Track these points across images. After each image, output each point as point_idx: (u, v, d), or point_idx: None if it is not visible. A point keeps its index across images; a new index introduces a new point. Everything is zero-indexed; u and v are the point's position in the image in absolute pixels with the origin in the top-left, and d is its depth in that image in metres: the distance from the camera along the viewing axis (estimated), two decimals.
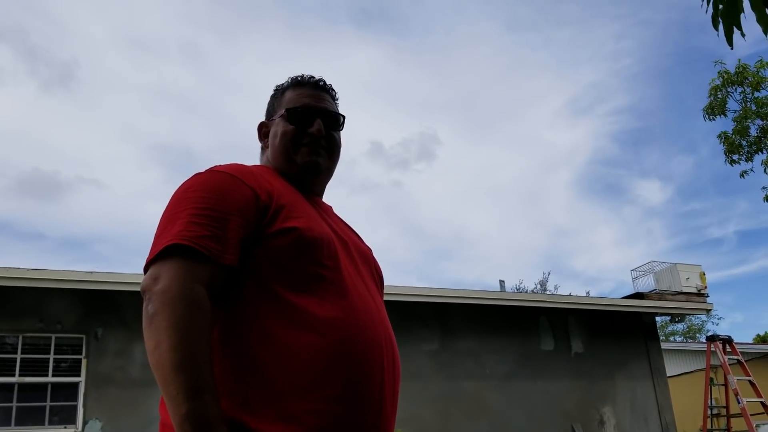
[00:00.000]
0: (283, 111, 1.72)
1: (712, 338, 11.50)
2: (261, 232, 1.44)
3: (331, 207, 1.81)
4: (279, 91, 1.80)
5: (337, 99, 1.82)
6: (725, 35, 2.33)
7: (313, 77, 1.78)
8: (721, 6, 2.30)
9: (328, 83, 1.80)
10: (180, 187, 1.50)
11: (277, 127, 1.72)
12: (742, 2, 2.26)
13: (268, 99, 1.86)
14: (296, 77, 1.79)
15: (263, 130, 1.80)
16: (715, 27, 2.35)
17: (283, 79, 1.83)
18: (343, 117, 1.79)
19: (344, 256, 1.55)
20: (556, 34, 41.37)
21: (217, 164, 1.56)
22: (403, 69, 45.42)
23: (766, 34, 2.31)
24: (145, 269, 1.36)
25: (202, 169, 1.56)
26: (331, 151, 1.74)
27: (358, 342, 1.40)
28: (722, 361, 10.95)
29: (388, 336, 1.53)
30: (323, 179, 1.77)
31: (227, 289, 1.40)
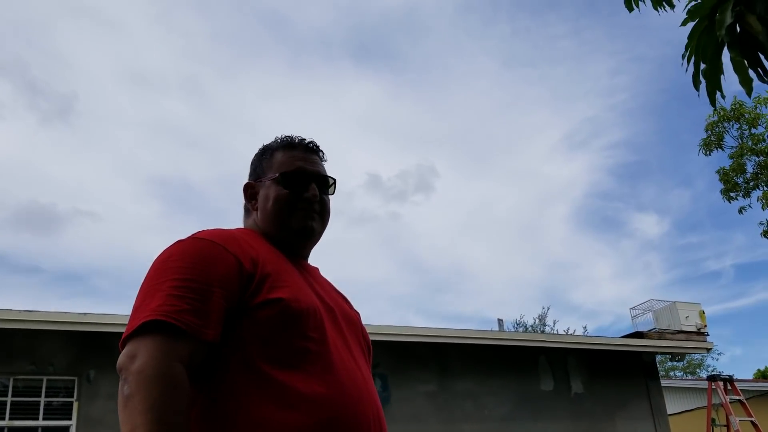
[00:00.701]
0: (275, 174, 1.67)
1: (713, 378, 11.38)
2: (245, 302, 1.39)
3: (317, 269, 1.76)
4: (268, 152, 1.74)
5: (325, 160, 1.79)
6: (708, 95, 2.33)
7: (304, 139, 1.75)
8: (703, 66, 2.29)
9: (318, 145, 1.77)
10: (160, 256, 1.45)
11: (269, 191, 1.67)
12: (722, 64, 2.25)
13: (252, 158, 1.80)
14: (286, 138, 1.75)
15: (250, 191, 1.73)
16: (696, 87, 2.34)
17: (280, 118, 1.82)
18: (335, 180, 1.76)
19: (330, 326, 1.51)
20: (552, 70, 41.78)
21: (200, 230, 1.52)
22: (401, 104, 45.79)
23: (749, 96, 2.31)
24: (122, 345, 1.31)
25: (184, 237, 1.51)
26: (323, 215, 1.72)
27: (345, 421, 1.36)
28: (724, 401, 10.82)
29: (376, 411, 1.48)
30: (313, 243, 1.73)
31: (207, 366, 1.35)
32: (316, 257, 1.79)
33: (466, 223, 48.58)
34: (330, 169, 1.79)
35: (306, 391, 1.34)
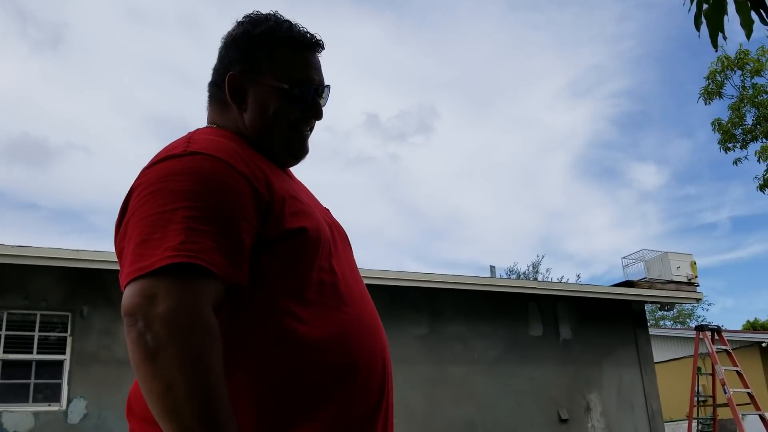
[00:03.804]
0: (283, 84, 1.38)
1: (701, 328, 11.53)
2: (262, 236, 1.20)
3: (292, 174, 1.55)
4: (267, 41, 1.40)
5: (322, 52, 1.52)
6: (710, 36, 2.28)
7: (314, 36, 1.45)
8: (705, 6, 2.24)
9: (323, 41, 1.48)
10: (156, 172, 1.20)
11: (271, 98, 1.38)
12: (726, 4, 2.20)
13: (239, 33, 1.44)
14: (291, 32, 1.42)
15: (236, 86, 1.39)
16: (697, 27, 2.29)
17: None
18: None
19: (339, 249, 1.37)
20: (558, 14, 41.21)
21: (189, 138, 1.27)
22: (402, 46, 45.17)
23: (748, 39, 2.28)
24: (128, 282, 1.10)
25: (176, 148, 1.24)
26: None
27: (368, 354, 1.28)
28: (710, 350, 10.99)
29: (384, 337, 1.39)
30: None
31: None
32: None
33: (465, 169, 48.57)
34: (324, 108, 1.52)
35: (326, 328, 1.22)
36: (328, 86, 1.48)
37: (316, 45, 1.45)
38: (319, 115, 1.45)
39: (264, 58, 1.40)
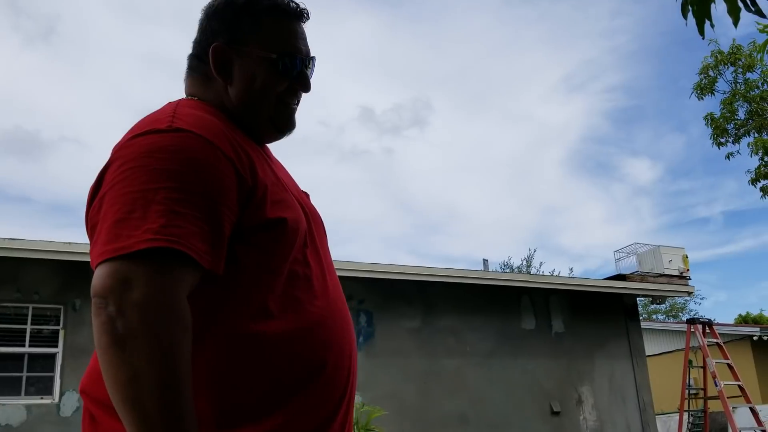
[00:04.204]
0: (271, 54, 1.33)
1: (692, 321, 11.59)
2: (242, 223, 1.16)
3: (270, 151, 1.46)
4: (251, 8, 1.35)
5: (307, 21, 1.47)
6: (696, 24, 2.27)
7: (298, 6, 1.39)
8: None
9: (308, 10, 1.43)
10: (137, 146, 1.13)
11: (258, 70, 1.33)
12: None
13: (222, 2, 1.37)
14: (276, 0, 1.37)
15: (221, 57, 1.33)
16: (684, 15, 2.28)
17: None
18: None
19: (315, 239, 1.33)
20: (553, 9, 41.17)
21: (173, 111, 1.21)
22: (397, 40, 45.11)
23: (735, 26, 2.26)
24: (99, 263, 1.04)
25: (158, 121, 1.18)
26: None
27: (337, 348, 1.25)
28: (701, 344, 11.04)
29: (353, 333, 1.36)
30: None
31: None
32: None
33: (460, 163, 48.58)
34: (317, 101, 1.51)
35: (298, 321, 1.19)
36: (314, 57, 1.42)
37: (301, 14, 1.40)
38: (307, 87, 1.40)
39: (249, 29, 1.34)
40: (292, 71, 1.35)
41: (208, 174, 1.11)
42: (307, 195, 1.47)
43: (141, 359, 0.96)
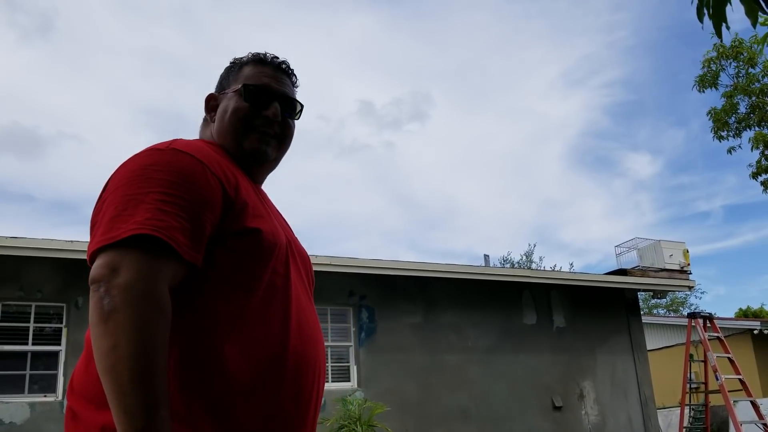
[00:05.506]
0: (238, 86, 1.57)
1: (693, 315, 11.58)
2: (222, 229, 1.31)
3: (267, 195, 1.64)
4: (236, 65, 1.64)
5: (297, 86, 1.68)
6: (714, 27, 2.27)
7: (277, 57, 1.64)
8: None
9: (291, 67, 1.66)
10: (137, 161, 1.33)
11: (229, 102, 1.56)
12: None
13: (222, 72, 1.68)
14: (258, 54, 1.64)
15: (212, 103, 1.63)
16: (700, 19, 2.28)
17: (274, 47, 1.68)
18: (302, 106, 1.65)
19: (292, 261, 1.45)
20: (553, 4, 41.12)
21: (174, 139, 1.41)
22: (397, 35, 45.05)
23: (754, 27, 2.26)
24: (95, 255, 1.20)
25: (159, 144, 1.39)
26: (283, 140, 1.60)
27: (297, 361, 1.35)
28: (702, 338, 11.05)
29: (322, 353, 1.47)
30: (268, 169, 1.63)
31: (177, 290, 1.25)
32: (307, 192, 1.66)
33: (460, 158, 48.56)
34: (316, 96, 1.67)
35: (266, 327, 1.31)
36: (294, 99, 1.64)
37: (279, 65, 1.64)
38: (273, 113, 1.56)
39: (232, 78, 1.62)
40: (257, 97, 1.57)
41: (195, 184, 1.29)
42: (295, 238, 1.61)
43: (119, 331, 1.11)
